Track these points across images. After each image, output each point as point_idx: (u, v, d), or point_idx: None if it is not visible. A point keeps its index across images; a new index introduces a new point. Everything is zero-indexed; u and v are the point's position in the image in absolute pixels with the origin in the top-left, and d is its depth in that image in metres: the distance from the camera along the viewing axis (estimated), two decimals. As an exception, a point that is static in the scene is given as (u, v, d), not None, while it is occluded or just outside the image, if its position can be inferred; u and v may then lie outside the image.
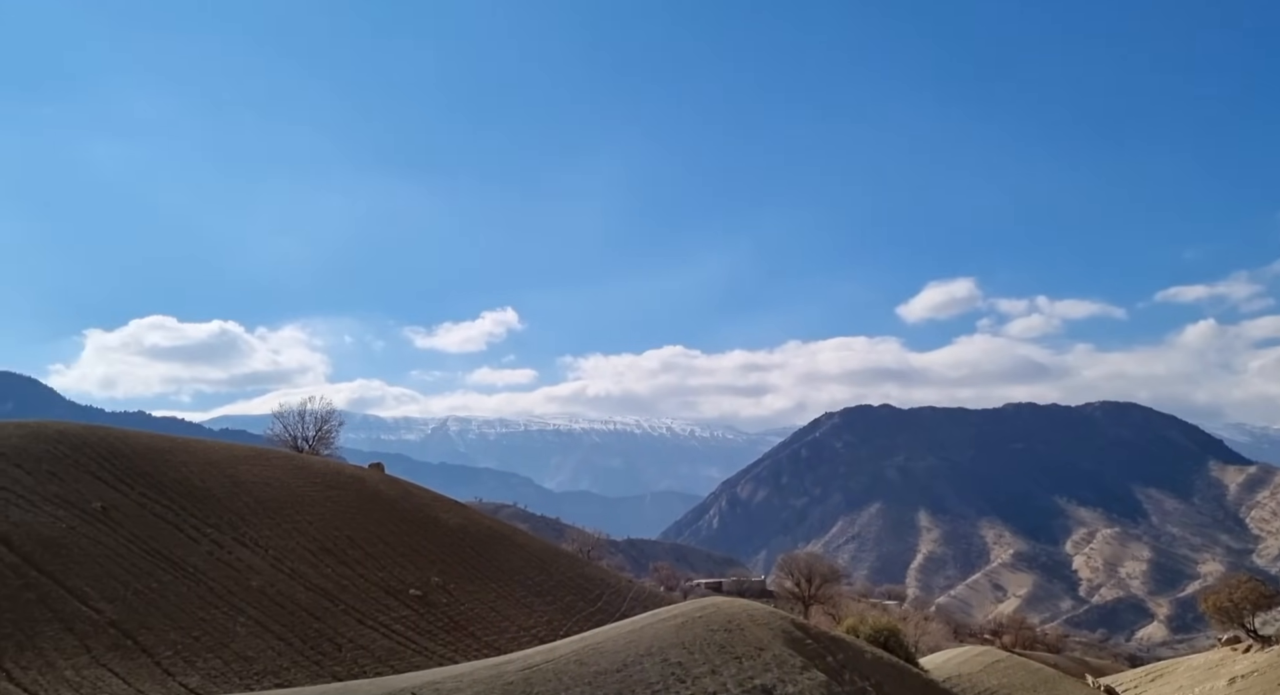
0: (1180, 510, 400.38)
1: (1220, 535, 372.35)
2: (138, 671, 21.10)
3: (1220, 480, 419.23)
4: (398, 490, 42.49)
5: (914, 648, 33.89)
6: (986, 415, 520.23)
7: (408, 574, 33.15)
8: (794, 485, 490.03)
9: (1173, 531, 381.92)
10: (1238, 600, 72.53)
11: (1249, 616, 71.76)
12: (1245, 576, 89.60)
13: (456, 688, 15.80)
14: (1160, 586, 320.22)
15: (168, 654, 22.22)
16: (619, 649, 19.53)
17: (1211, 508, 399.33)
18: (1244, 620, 71.57)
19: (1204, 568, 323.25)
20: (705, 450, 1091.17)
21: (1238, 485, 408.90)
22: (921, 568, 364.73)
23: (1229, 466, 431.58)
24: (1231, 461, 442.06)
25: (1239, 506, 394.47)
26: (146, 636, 22.58)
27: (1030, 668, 35.81)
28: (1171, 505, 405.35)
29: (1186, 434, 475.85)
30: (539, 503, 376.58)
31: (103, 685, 19.99)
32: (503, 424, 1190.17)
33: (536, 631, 33.03)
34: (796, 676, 20.25)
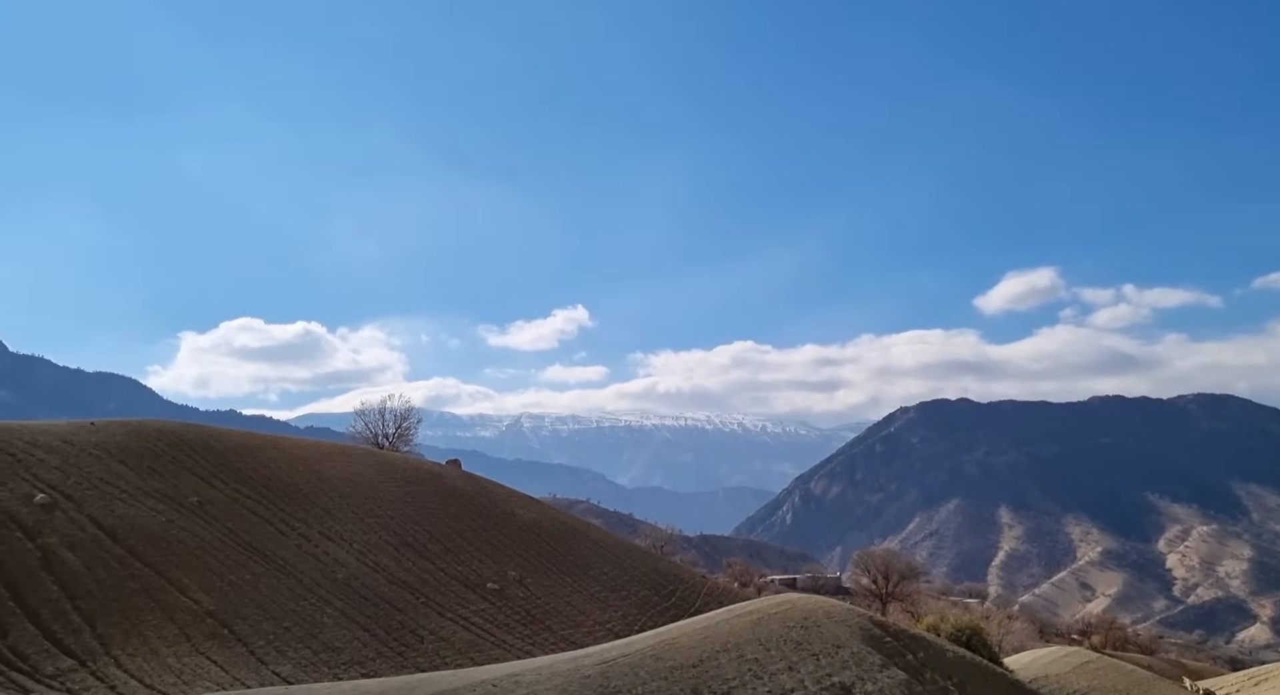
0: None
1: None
2: (234, 660, 22.01)
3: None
4: (474, 486, 43.32)
5: (997, 647, 33.02)
6: (1071, 409, 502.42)
7: (485, 568, 33.77)
8: (869, 481, 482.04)
9: (1276, 529, 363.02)
10: (1349, 601, 68.39)
11: (1361, 618, 67.60)
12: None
13: (536, 680, 16.01)
14: (1263, 586, 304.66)
15: (261, 643, 23.12)
16: (695, 644, 19.53)
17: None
18: (1356, 622, 67.43)
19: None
20: (777, 446, 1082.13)
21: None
22: (1004, 565, 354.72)
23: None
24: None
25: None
26: (241, 626, 23.54)
27: (1123, 669, 34.53)
28: (1275, 502, 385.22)
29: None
30: (611, 498, 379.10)
31: (202, 673, 20.91)
32: (575, 420, 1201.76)
33: (612, 626, 33.27)
34: (876, 675, 19.95)
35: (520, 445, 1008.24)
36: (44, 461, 27.13)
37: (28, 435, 28.52)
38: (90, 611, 21.56)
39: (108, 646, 20.72)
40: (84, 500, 25.92)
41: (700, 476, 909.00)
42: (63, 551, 23.12)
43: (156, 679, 20.17)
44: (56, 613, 21.07)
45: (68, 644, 20.33)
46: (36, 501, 24.67)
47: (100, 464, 28.63)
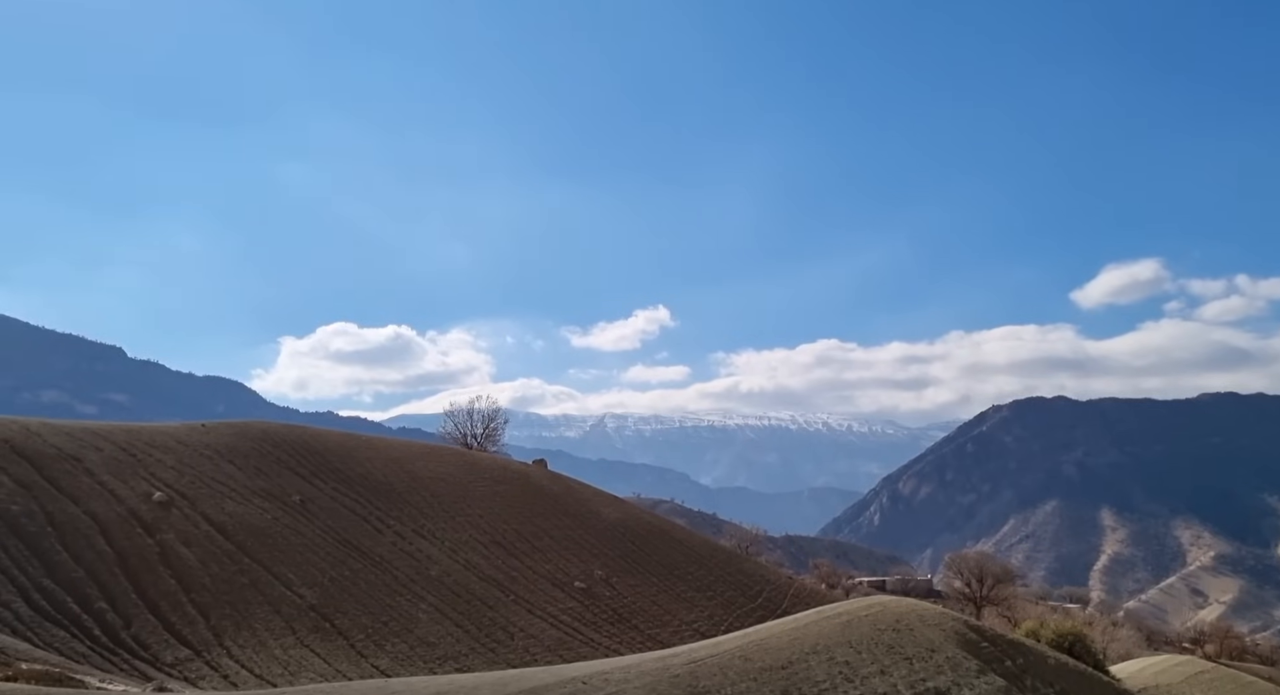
0: None
1: None
2: (335, 652, 22.89)
3: None
4: (560, 486, 43.94)
5: (1103, 655, 31.68)
6: (1178, 406, 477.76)
7: (572, 566, 34.22)
8: (960, 481, 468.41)
9: None
10: None
11: None
12: None
13: (625, 679, 16.14)
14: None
15: (360, 637, 23.98)
16: (784, 646, 19.37)
17: None
18: None
19: None
20: (864, 445, 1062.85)
21: None
22: (1106, 570, 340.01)
23: None
24: None
25: None
26: (342, 620, 24.46)
27: (1241, 680, 32.72)
28: None
29: None
30: (695, 498, 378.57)
31: (307, 665, 21.82)
32: (658, 420, 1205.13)
33: (698, 626, 33.28)
34: (973, 680, 19.43)
35: (604, 445, 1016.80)
36: (161, 461, 28.74)
37: (146, 437, 30.26)
38: (204, 604, 22.75)
39: (220, 638, 21.82)
40: (197, 498, 27.35)
41: (785, 476, 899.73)
42: (179, 547, 24.45)
43: (265, 670, 21.14)
44: (174, 605, 22.30)
45: (185, 635, 21.50)
46: (155, 499, 26.13)
47: (211, 464, 30.17)
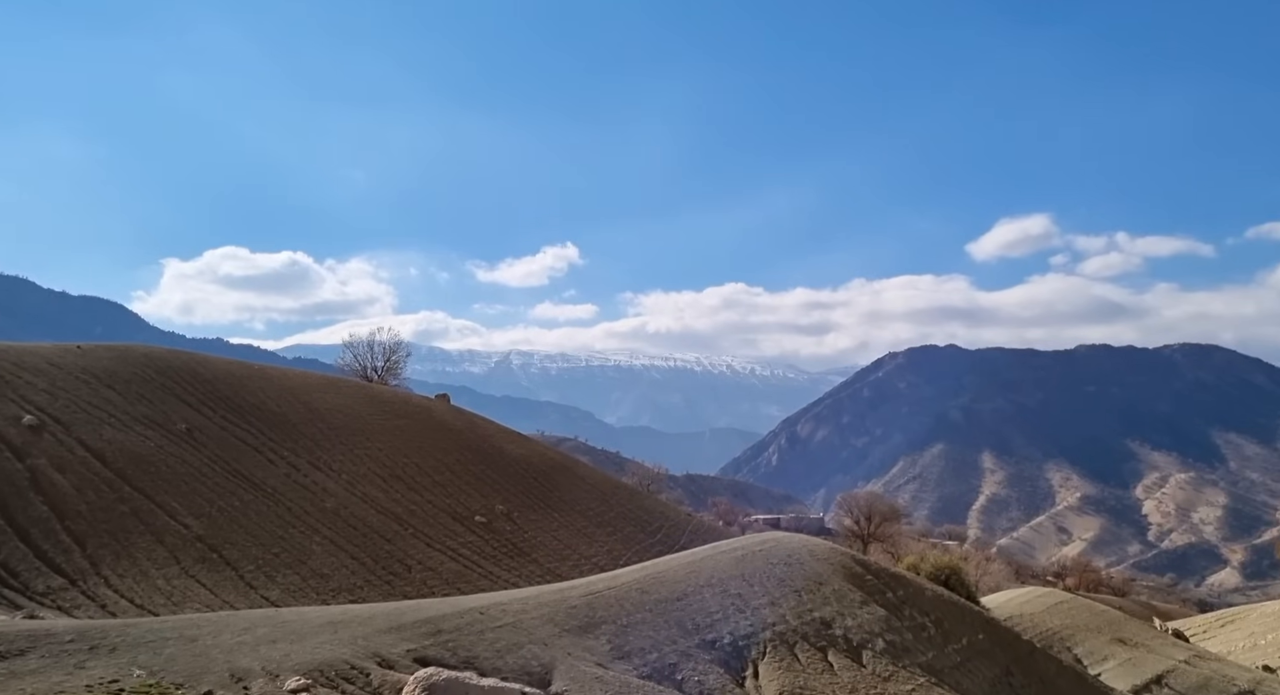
0: (1261, 456, 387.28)
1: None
2: (223, 584, 22.24)
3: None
4: (463, 421, 43.44)
5: (975, 587, 33.70)
6: (1058, 356, 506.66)
7: (473, 501, 34.07)
8: (855, 425, 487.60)
9: (1252, 477, 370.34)
10: (1318, 549, 70.14)
11: (1329, 566, 69.44)
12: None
13: (523, 610, 16.21)
14: (1235, 532, 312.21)
15: (250, 568, 23.35)
16: (680, 579, 19.79)
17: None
18: (1323, 570, 69.27)
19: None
20: (765, 388, 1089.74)
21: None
22: (984, 509, 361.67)
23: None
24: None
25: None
26: (230, 551, 23.74)
27: (1094, 609, 35.38)
28: (1252, 450, 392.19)
29: (1272, 377, 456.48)
30: (600, 437, 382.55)
31: (192, 595, 21.14)
32: (564, 359, 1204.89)
33: (598, 560, 33.76)
34: (856, 611, 20.31)
35: (509, 382, 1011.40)
36: (31, 384, 26.96)
37: (14, 356, 28.28)
38: (80, 532, 21.67)
39: (98, 566, 20.88)
40: (72, 423, 25.83)
41: (688, 417, 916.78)
42: (52, 473, 23.12)
43: (146, 599, 20.39)
44: (46, 532, 21.17)
45: (58, 563, 20.47)
46: (24, 423, 24.56)
47: (88, 388, 28.47)
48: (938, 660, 20.42)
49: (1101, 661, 28.97)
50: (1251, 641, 64.16)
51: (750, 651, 17.33)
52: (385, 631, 13.42)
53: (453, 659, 13.09)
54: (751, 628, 18.15)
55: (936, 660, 20.35)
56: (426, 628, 14.00)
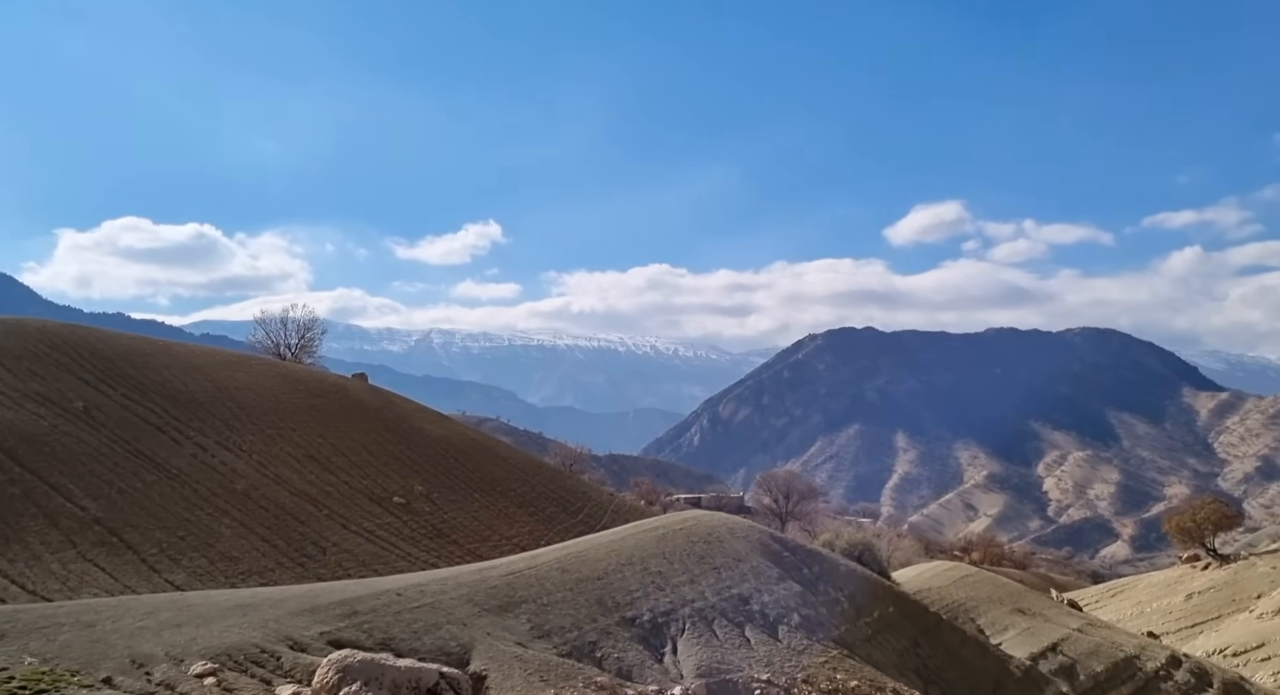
0: (1151, 435, 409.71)
1: (1188, 459, 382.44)
2: (123, 568, 21.34)
3: (1192, 406, 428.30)
4: (381, 400, 42.53)
5: (887, 562, 34.77)
6: (968, 339, 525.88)
7: (391, 482, 33.46)
8: (775, 405, 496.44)
9: (1142, 455, 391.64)
10: (1200, 521, 75.04)
11: (1210, 536, 74.38)
12: (1210, 498, 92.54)
13: (441, 590, 16.02)
14: (1127, 507, 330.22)
15: (153, 551, 22.46)
16: (601, 558, 19.85)
17: (1182, 433, 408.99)
18: (1204, 540, 74.18)
19: (1170, 490, 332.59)
20: (688, 369, 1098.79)
21: (1209, 411, 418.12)
22: (897, 487, 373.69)
23: (1201, 393, 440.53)
24: (1204, 388, 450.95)
25: (1208, 432, 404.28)
26: (131, 534, 22.77)
27: (997, 582, 36.91)
28: (1143, 430, 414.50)
29: (1163, 360, 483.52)
30: (522, 417, 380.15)
31: (89, 579, 20.22)
32: (486, 338, 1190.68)
33: (519, 540, 33.62)
34: (773, 587, 20.72)
35: (429, 361, 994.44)
36: (-92, 362, 25.28)
37: (-112, 333, 26.45)
38: (-36, 519, 20.49)
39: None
40: (-45, 403, 24.34)
41: (611, 397, 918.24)
42: (-68, 457, 21.76)
43: (40, 585, 19.42)
44: (-74, 520, 19.95)
45: (-60, 552, 19.33)
46: (-100, 404, 23.04)
47: (-27, 366, 26.84)
48: (850, 633, 21.02)
49: (1002, 631, 30.29)
50: (1138, 609, 68.19)
51: (670, 628, 17.52)
52: (298, 614, 13.09)
53: (369, 641, 12.86)
54: (671, 605, 18.35)
55: (849, 633, 20.95)
56: (341, 610, 13.71)
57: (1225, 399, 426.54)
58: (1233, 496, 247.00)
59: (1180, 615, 63.46)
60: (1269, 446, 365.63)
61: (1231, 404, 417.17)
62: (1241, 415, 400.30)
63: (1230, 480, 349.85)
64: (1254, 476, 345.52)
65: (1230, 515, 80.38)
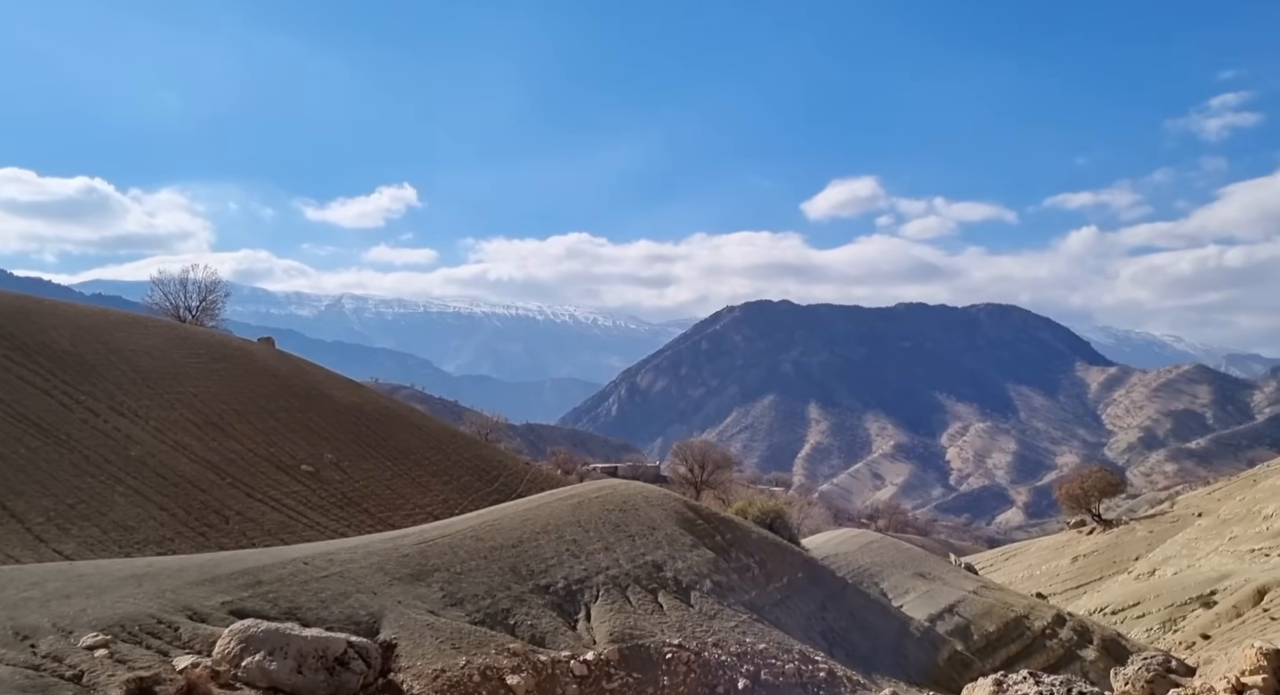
0: (1046, 406, 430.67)
1: (1079, 430, 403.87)
2: (7, 538, 20.19)
3: (1084, 379, 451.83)
4: (289, 366, 41.18)
5: (797, 530, 35.72)
6: (879, 313, 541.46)
7: (299, 450, 32.51)
8: (692, 376, 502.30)
9: (1037, 426, 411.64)
10: (1087, 489, 79.46)
11: (1095, 503, 78.89)
12: (1096, 467, 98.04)
13: (351, 559, 15.68)
14: (1021, 476, 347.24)
15: (39, 521, 21.31)
16: (515, 526, 19.76)
17: (1074, 405, 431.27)
18: (1090, 506, 78.62)
19: (1061, 459, 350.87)
20: (607, 339, 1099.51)
21: (1098, 384, 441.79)
22: (808, 457, 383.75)
23: (1092, 367, 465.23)
24: (1095, 362, 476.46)
25: (1097, 404, 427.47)
26: (16, 502, 21.54)
27: (900, 548, 38.36)
28: (1039, 402, 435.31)
29: (1058, 336, 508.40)
30: (437, 385, 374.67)
31: (-32, 554, 19.08)
32: (400, 304, 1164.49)
33: (432, 509, 33.19)
34: (687, 554, 20.99)
35: (340, 327, 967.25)
36: None
37: None
38: None
39: None
40: None
41: (529, 367, 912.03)
42: None
43: (-88, 561, 18.23)
44: None
45: None
46: None
47: None
48: (760, 598, 21.51)
49: (904, 594, 31.54)
50: (1029, 572, 71.98)
51: (584, 595, 17.59)
52: (197, 584, 12.61)
53: (273, 610, 12.49)
54: (585, 572, 18.41)
55: (759, 598, 21.44)
56: (245, 579, 13.27)
57: (1114, 373, 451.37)
58: (1117, 465, 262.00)
59: (1067, 577, 67.30)
60: (1150, 418, 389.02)
61: (1119, 378, 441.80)
62: (1127, 388, 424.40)
63: (1115, 450, 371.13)
64: (1136, 446, 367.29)
65: (1114, 483, 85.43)
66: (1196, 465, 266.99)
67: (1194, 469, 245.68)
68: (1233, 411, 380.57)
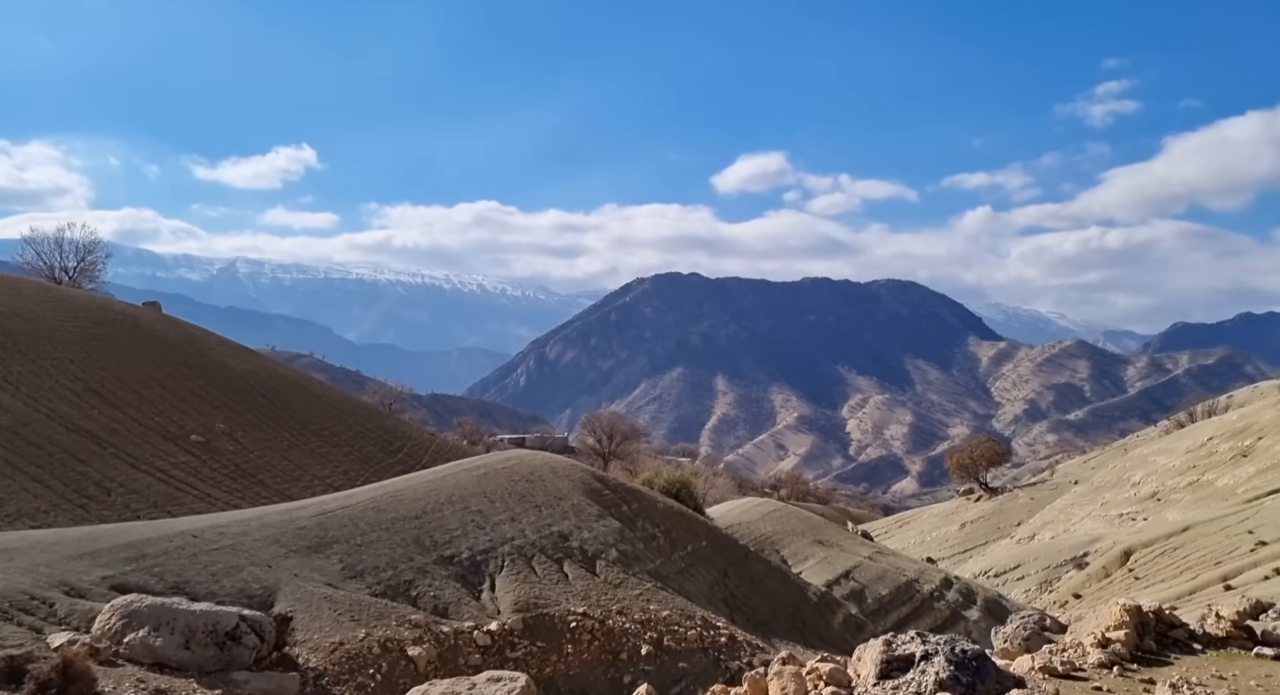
0: (940, 380, 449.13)
1: (970, 402, 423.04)
2: None
3: (975, 354, 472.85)
4: (178, 332, 39.27)
5: (702, 500, 36.34)
6: (786, 287, 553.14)
7: (189, 420, 31.12)
8: (602, 347, 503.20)
9: (932, 398, 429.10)
10: (976, 458, 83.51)
11: (983, 472, 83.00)
12: (984, 438, 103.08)
13: (244, 531, 15.15)
14: (916, 446, 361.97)
15: (-105, 497, 19.84)
16: (419, 497, 19.46)
17: (966, 378, 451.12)
18: (979, 475, 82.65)
19: (953, 430, 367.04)
20: (516, 309, 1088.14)
21: (989, 358, 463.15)
22: (715, 428, 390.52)
23: (984, 342, 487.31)
24: (986, 337, 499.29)
25: (987, 377, 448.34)
26: None
27: (800, 516, 39.49)
28: (934, 375, 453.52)
29: (953, 311, 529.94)
30: (338, 353, 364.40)
31: None
32: (299, 269, 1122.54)
33: (332, 481, 32.37)
34: (593, 524, 21.08)
35: (234, 292, 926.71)
36: None
37: None
38: None
39: None
40: None
41: (435, 336, 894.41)
42: None
43: None
44: None
45: None
46: None
47: None
48: (665, 566, 21.82)
49: (803, 561, 32.53)
50: (920, 538, 75.36)
51: (489, 565, 17.48)
52: (75, 558, 11.96)
53: (159, 585, 11.97)
54: (491, 543, 18.29)
55: (664, 566, 21.74)
56: (128, 553, 12.66)
57: (1003, 348, 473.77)
58: (1004, 436, 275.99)
59: (955, 542, 70.78)
60: (1035, 391, 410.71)
61: (1008, 352, 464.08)
62: (1015, 363, 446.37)
63: (1003, 421, 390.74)
64: (1021, 418, 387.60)
65: (1000, 453, 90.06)
66: (1075, 436, 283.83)
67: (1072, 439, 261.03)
68: (1108, 385, 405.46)
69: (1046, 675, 8.11)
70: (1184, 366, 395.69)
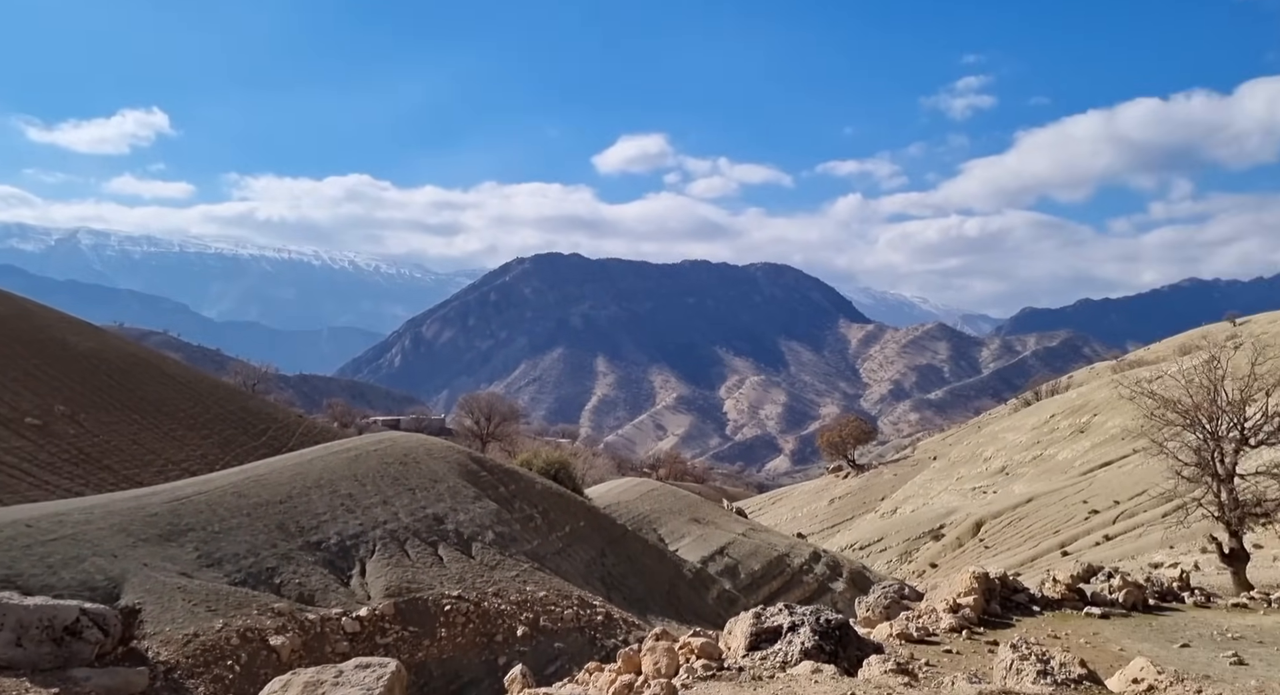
0: (813, 361, 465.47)
1: (840, 382, 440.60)
2: None
3: (846, 336, 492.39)
4: (9, 306, 36.14)
5: (581, 480, 36.41)
6: (666, 269, 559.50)
7: (23, 401, 28.74)
8: (480, 327, 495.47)
9: (805, 379, 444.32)
10: (844, 436, 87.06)
11: (851, 450, 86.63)
12: (852, 417, 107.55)
13: (87, 520, 14.12)
14: (789, 426, 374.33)
15: None
16: (284, 481, 18.67)
17: (836, 359, 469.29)
18: (847, 453, 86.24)
19: (824, 410, 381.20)
20: (390, 287, 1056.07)
21: (858, 341, 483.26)
22: (595, 409, 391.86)
23: (853, 324, 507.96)
24: (856, 320, 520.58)
25: (856, 359, 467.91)
26: None
27: (678, 495, 40.19)
28: (807, 357, 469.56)
29: (825, 295, 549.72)
30: (196, 332, 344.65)
31: None
32: (150, 242, 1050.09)
33: (188, 465, 30.65)
34: (470, 506, 20.78)
35: (76, 265, 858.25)
36: None
37: None
38: None
39: None
40: None
41: (303, 314, 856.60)
42: None
43: None
44: None
45: None
46: None
47: None
48: (542, 547, 21.75)
49: (680, 539, 33.13)
50: (792, 514, 78.13)
51: (359, 550, 16.97)
52: (-117, 558, 10.85)
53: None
54: (361, 527, 17.74)
55: (541, 547, 21.67)
56: (-53, 550, 11.59)
57: (871, 330, 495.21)
58: (871, 415, 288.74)
59: (824, 517, 73.73)
60: (900, 372, 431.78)
61: (875, 335, 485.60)
62: (881, 345, 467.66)
63: (870, 400, 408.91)
64: (887, 397, 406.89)
65: (867, 431, 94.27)
66: (935, 414, 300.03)
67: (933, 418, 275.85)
68: (965, 366, 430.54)
69: (903, 641, 8.58)
70: (1031, 348, 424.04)
